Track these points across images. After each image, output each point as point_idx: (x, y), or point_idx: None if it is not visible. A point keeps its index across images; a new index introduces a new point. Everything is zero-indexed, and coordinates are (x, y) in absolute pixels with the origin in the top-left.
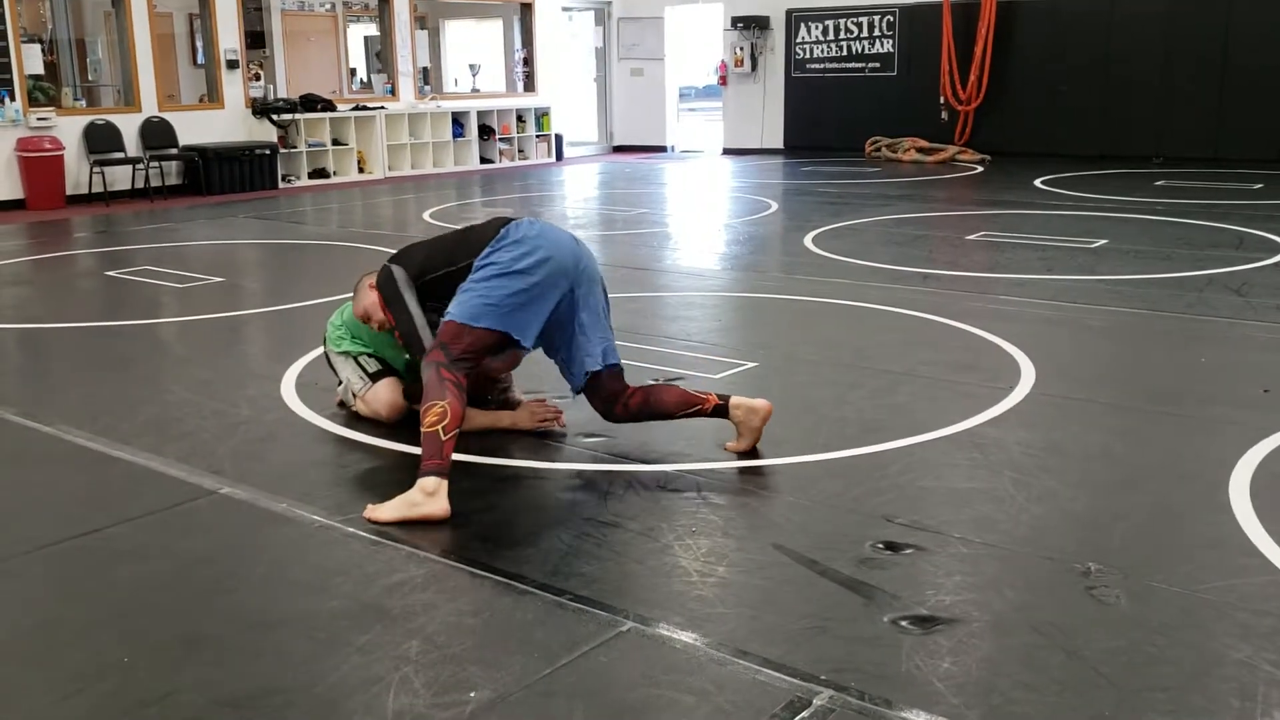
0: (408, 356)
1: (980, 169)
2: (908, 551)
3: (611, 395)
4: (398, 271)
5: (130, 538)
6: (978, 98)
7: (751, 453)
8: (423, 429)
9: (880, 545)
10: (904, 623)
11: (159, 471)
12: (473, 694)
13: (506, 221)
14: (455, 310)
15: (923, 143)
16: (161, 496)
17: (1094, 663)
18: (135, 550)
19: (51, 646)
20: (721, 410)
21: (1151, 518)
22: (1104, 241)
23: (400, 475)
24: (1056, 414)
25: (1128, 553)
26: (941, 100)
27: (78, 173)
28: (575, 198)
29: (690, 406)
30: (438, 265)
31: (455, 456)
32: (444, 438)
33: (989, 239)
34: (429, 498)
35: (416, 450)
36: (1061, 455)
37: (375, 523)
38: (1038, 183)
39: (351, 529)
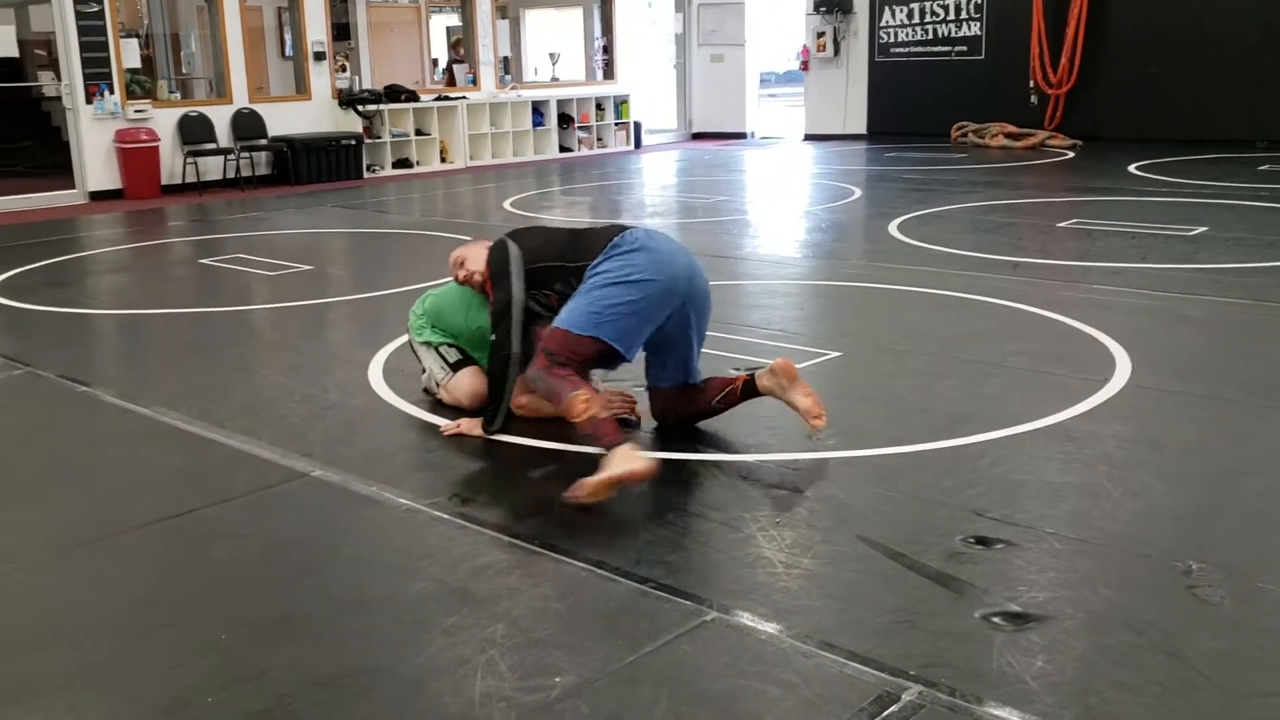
0: (493, 337)
1: (1071, 154)
2: (998, 546)
3: (680, 406)
4: (512, 248)
5: (226, 518)
6: (1069, 81)
7: (836, 443)
8: (577, 424)
9: (970, 539)
10: (995, 619)
11: (252, 454)
12: (558, 679)
13: (622, 230)
14: (564, 317)
15: (1011, 128)
16: (255, 478)
17: (1196, 664)
18: (231, 530)
19: (153, 622)
20: (750, 388)
21: (1255, 515)
22: (1203, 229)
23: (485, 461)
24: (1153, 407)
25: (1231, 551)
26: (1031, 84)
27: (172, 163)
28: (654, 185)
29: (722, 390)
30: (550, 256)
31: (540, 444)
32: (601, 417)
33: (1080, 226)
34: (627, 460)
35: (500, 436)
36: (1159, 449)
37: (579, 500)
38: (1132, 168)
39: (437, 513)
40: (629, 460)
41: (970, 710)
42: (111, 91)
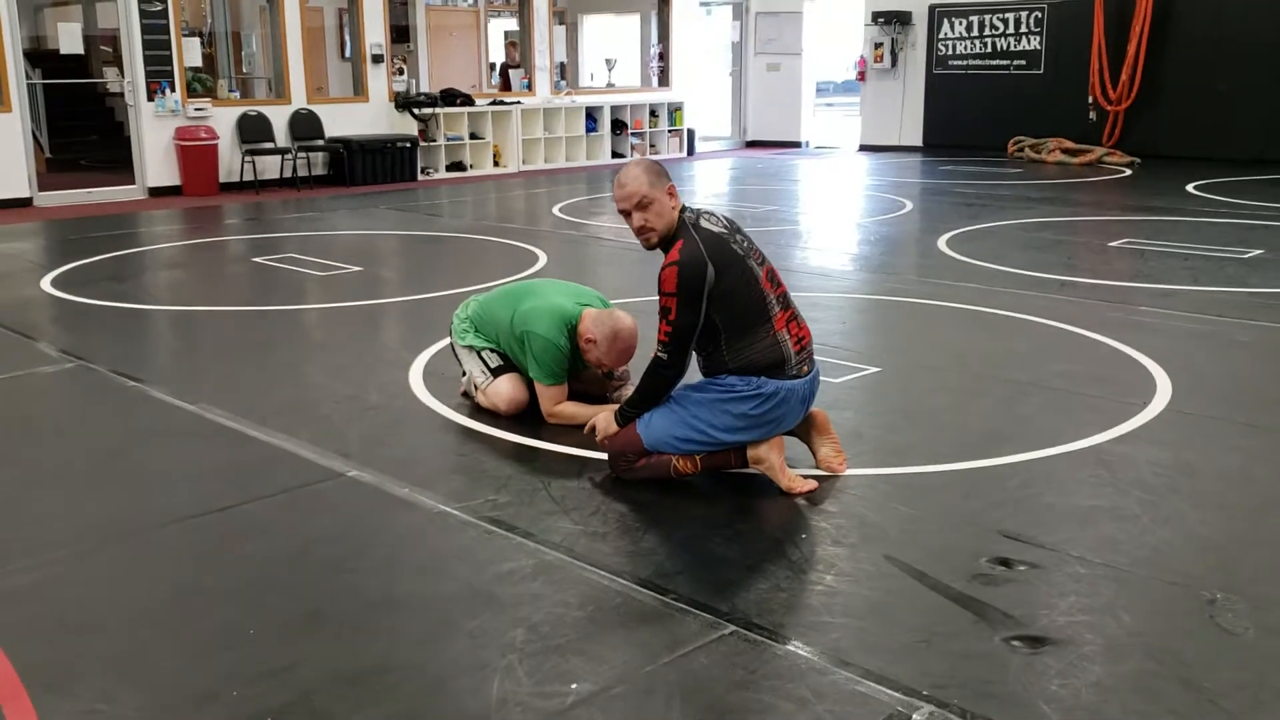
0: (664, 355)
1: (1129, 172)
2: (1021, 568)
3: None
4: (710, 277)
5: (261, 515)
6: (1129, 97)
7: (867, 460)
8: (706, 467)
9: (994, 561)
10: (1013, 641)
11: (292, 452)
12: (574, 685)
13: (780, 364)
14: (648, 428)
15: (1068, 143)
16: (292, 476)
17: (1214, 695)
18: (265, 527)
19: (184, 615)
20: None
21: None
22: (1259, 252)
23: (518, 466)
24: (1192, 432)
25: (1261, 582)
26: (1090, 99)
27: (230, 161)
28: (705, 193)
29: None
30: (729, 315)
31: (571, 450)
32: (708, 460)
33: (1132, 246)
34: (793, 480)
35: (534, 443)
36: (1194, 476)
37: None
38: (1190, 188)
39: (467, 516)
40: (794, 480)
41: None
42: (173, 89)
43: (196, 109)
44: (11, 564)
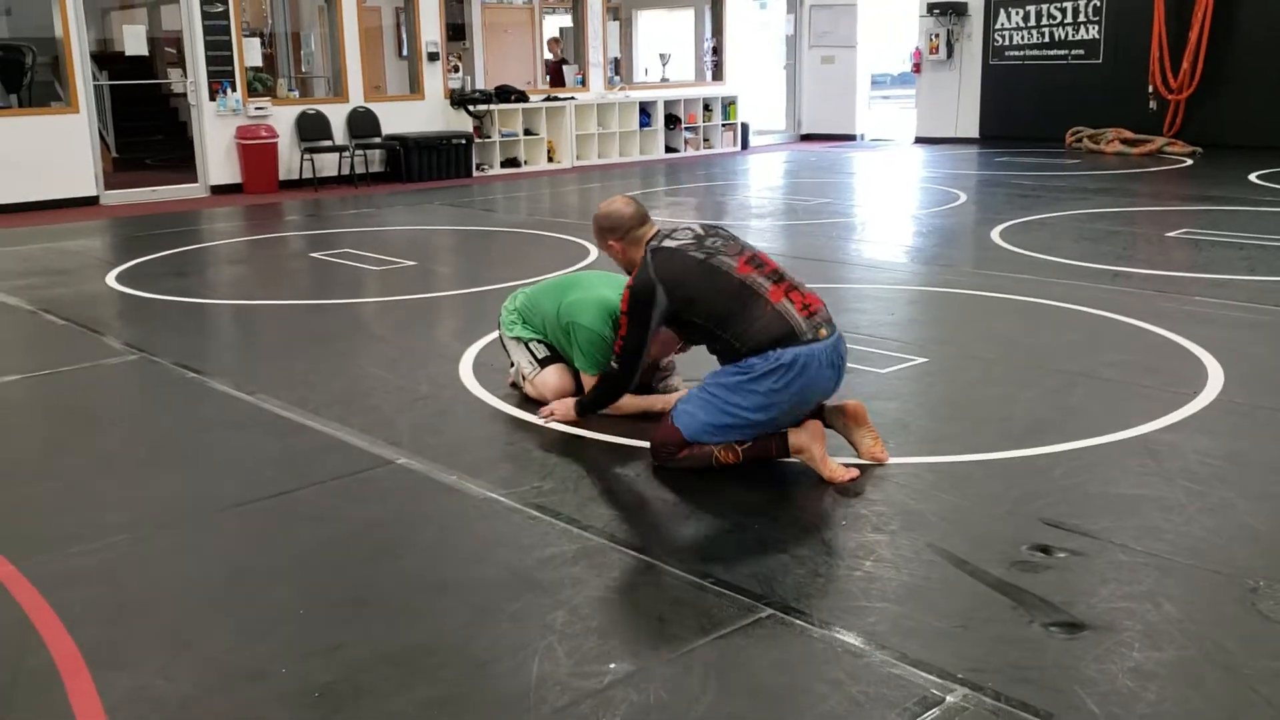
0: (615, 365)
1: (1189, 162)
2: (1062, 555)
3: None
4: (660, 297)
5: (313, 501)
6: (1190, 86)
7: (911, 449)
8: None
9: (1035, 548)
10: (1050, 628)
11: (344, 441)
12: (612, 666)
13: (791, 334)
14: (684, 418)
15: (1128, 134)
16: (344, 464)
17: (1253, 682)
18: (317, 513)
19: (238, 596)
20: (818, 415)
21: None
22: None
23: (563, 454)
24: (1242, 422)
25: None
26: (1150, 89)
27: (290, 159)
28: (758, 186)
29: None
30: (708, 314)
31: (616, 439)
32: (752, 450)
33: (1189, 236)
34: (835, 470)
35: (579, 431)
36: (1242, 466)
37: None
38: (1252, 177)
39: (513, 503)
40: (835, 469)
41: (1014, 715)
42: (234, 89)
43: (257, 108)
44: (75, 546)
